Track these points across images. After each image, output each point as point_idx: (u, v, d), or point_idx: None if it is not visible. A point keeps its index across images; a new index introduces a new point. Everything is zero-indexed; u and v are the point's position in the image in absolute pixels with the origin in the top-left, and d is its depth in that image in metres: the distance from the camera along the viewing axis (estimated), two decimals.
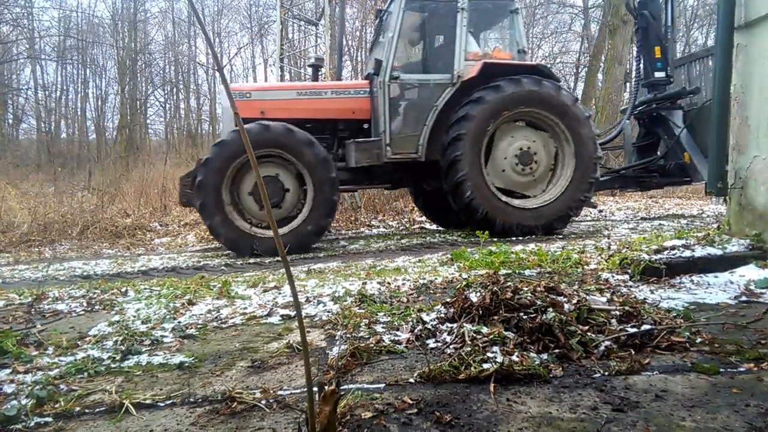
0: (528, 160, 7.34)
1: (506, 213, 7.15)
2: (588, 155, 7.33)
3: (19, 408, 1.93)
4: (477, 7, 7.63)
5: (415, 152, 7.35)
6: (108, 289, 4.19)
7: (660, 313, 2.66)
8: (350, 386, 2.06)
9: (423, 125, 7.31)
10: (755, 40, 3.97)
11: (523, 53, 7.65)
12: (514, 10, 7.77)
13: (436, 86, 7.37)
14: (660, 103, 8.62)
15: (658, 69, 8.60)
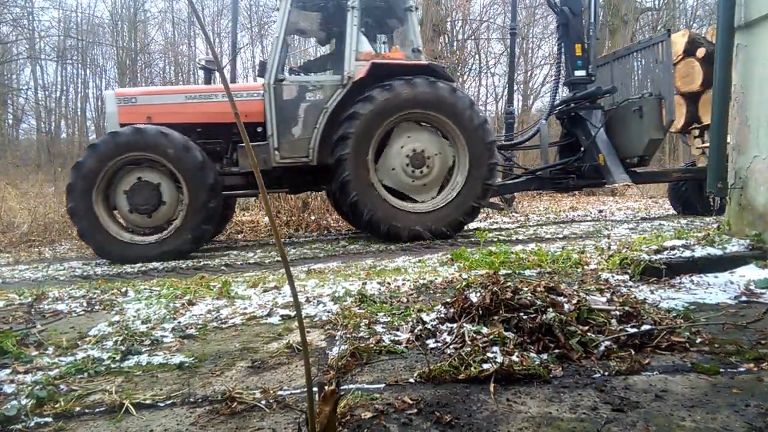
0: (420, 162, 7.13)
1: (394, 216, 6.96)
2: (483, 161, 7.14)
3: (19, 408, 1.93)
4: (369, 5, 7.40)
5: (306, 156, 7.12)
6: (108, 289, 4.19)
7: (660, 313, 2.66)
8: (350, 386, 2.06)
9: (314, 128, 7.08)
10: (755, 40, 3.97)
11: (417, 53, 7.35)
12: (408, 8, 7.48)
13: (327, 88, 7.15)
14: (578, 103, 8.43)
15: (579, 67, 8.39)
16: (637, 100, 7.97)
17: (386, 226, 6.87)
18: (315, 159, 7.10)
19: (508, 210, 10.83)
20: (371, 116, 6.84)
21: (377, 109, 6.85)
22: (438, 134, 7.29)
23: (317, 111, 7.09)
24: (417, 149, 7.13)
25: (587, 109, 8.40)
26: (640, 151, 8.07)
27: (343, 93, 7.06)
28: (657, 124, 7.82)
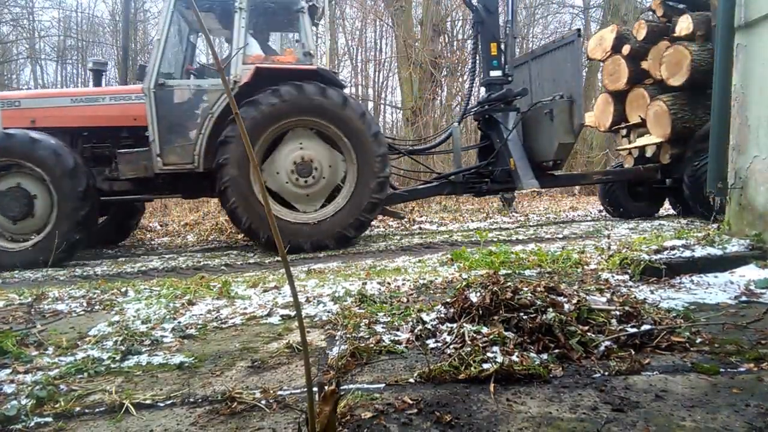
0: (307, 171, 6.89)
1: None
2: (372, 174, 6.89)
3: (19, 408, 1.93)
4: (258, 6, 7.18)
5: (191, 162, 6.84)
6: (108, 289, 4.19)
7: (660, 313, 2.66)
8: (350, 386, 2.06)
9: (199, 134, 6.79)
10: (755, 39, 3.97)
11: (309, 56, 7.06)
12: (299, 9, 7.18)
13: (212, 92, 6.88)
14: (492, 105, 8.16)
15: (494, 67, 8.13)
16: (548, 103, 7.75)
17: (265, 235, 6.66)
18: (201, 165, 6.84)
19: (508, 210, 10.81)
20: (253, 122, 6.58)
21: (260, 114, 6.62)
22: (331, 145, 7.03)
23: (203, 116, 6.82)
24: (305, 157, 6.90)
25: (502, 112, 8.17)
26: (551, 155, 7.84)
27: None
28: (567, 128, 7.58)
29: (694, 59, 7.68)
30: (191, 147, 6.83)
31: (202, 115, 6.82)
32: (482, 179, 8.17)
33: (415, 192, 8.48)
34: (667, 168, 8.42)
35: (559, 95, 7.67)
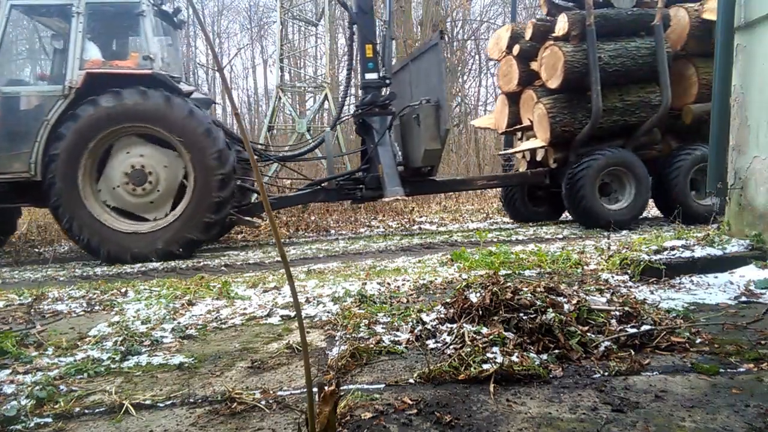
0: (141, 179, 6.67)
1: (112, 239, 6.53)
2: (210, 172, 6.65)
3: (19, 408, 1.93)
4: (97, 10, 6.90)
5: (27, 171, 6.51)
6: (108, 289, 4.19)
7: (660, 313, 2.66)
8: (350, 387, 2.06)
9: (34, 141, 6.47)
10: (755, 40, 3.97)
11: (149, 60, 6.80)
12: (140, 13, 6.87)
13: (47, 98, 6.56)
14: (364, 109, 7.83)
15: (370, 70, 7.80)
16: (416, 107, 7.44)
17: (106, 250, 6.49)
18: (39, 174, 6.53)
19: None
20: (76, 135, 6.36)
21: (83, 125, 6.37)
22: (165, 147, 6.81)
23: (38, 123, 6.51)
24: (136, 165, 6.67)
25: (376, 116, 7.78)
26: (419, 161, 7.53)
27: (65, 104, 6.52)
28: (433, 134, 7.25)
29: (567, 61, 7.38)
30: (27, 155, 6.54)
31: (39, 121, 6.54)
32: (357, 185, 7.88)
33: (284, 199, 8.27)
34: (554, 172, 8.21)
35: (426, 100, 7.36)
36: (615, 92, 7.67)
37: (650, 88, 7.67)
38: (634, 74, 7.67)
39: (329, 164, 8.17)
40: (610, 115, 7.64)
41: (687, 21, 7.72)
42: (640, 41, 7.63)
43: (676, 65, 7.92)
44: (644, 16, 7.65)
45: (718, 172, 4.28)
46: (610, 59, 7.48)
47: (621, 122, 7.75)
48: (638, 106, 7.69)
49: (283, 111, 13.76)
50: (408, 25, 15.16)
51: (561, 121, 7.68)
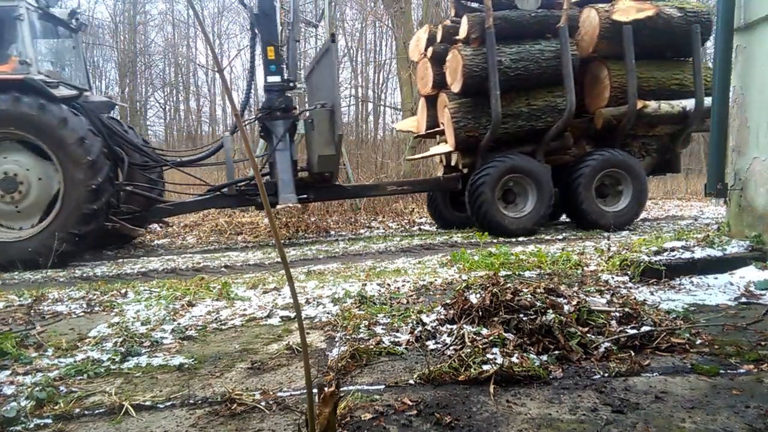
0: (12, 187, 6.45)
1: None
2: (80, 183, 6.42)
3: (19, 409, 1.93)
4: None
5: None
6: (107, 290, 4.19)
7: (660, 314, 2.66)
8: (350, 387, 2.06)
9: None
10: (755, 41, 3.98)
11: (25, 65, 6.55)
12: (17, 17, 6.63)
13: None
14: (265, 113, 7.67)
15: (272, 72, 7.59)
16: (312, 111, 7.32)
17: None
18: None
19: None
20: None
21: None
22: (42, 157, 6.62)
23: None
24: (9, 172, 6.47)
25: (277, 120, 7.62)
26: (315, 167, 7.39)
27: None
28: (327, 139, 7.11)
29: (466, 65, 7.16)
30: None
31: None
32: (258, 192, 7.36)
33: (183, 205, 8.08)
34: (466, 177, 7.97)
35: (321, 104, 7.21)
36: (522, 97, 7.45)
37: (558, 92, 7.41)
38: (539, 78, 7.40)
39: (229, 170, 7.87)
40: (516, 119, 7.42)
41: (597, 22, 7.45)
42: (545, 44, 7.38)
43: (591, 68, 7.78)
44: (549, 17, 7.39)
45: (718, 173, 4.28)
46: (511, 63, 7.22)
47: (528, 127, 7.49)
48: (545, 110, 7.44)
49: None
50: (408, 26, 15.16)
51: (465, 126, 7.47)
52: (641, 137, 7.94)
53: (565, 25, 7.20)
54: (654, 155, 8.07)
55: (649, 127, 7.82)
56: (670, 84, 7.70)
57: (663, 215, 10.08)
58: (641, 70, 7.51)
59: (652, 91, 7.60)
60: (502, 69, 7.16)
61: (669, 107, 7.57)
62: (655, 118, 7.61)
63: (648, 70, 7.63)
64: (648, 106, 7.46)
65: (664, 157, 8.21)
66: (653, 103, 7.52)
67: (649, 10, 7.34)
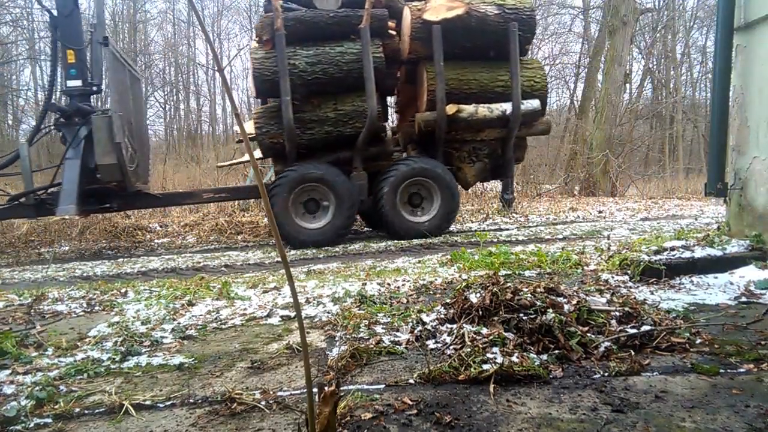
0: None
1: None
2: None
3: (19, 409, 1.93)
4: None
5: None
6: (108, 290, 4.19)
7: (660, 313, 2.66)
8: (350, 387, 2.06)
9: None
10: (755, 40, 3.97)
11: None
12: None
13: None
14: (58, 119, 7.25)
15: (73, 76, 7.16)
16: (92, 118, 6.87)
17: None
18: None
19: (508, 211, 10.75)
20: None
21: None
22: None
23: None
24: None
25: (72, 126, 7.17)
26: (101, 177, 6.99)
27: None
28: (105, 148, 6.70)
29: (256, 68, 6.88)
30: None
31: None
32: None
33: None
34: None
35: (102, 111, 6.86)
36: (330, 101, 7.07)
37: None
38: (343, 82, 6.98)
39: (26, 179, 7.38)
40: (323, 125, 7.03)
41: (410, 22, 7.09)
42: (348, 46, 6.95)
43: (417, 70, 7.46)
44: (353, 18, 6.91)
45: (718, 172, 4.28)
46: (308, 66, 6.82)
47: (336, 133, 7.10)
48: (353, 116, 7.02)
49: None
50: None
51: (267, 132, 7.08)
52: (470, 142, 7.49)
53: (367, 26, 6.77)
54: (485, 161, 7.63)
55: (476, 132, 7.37)
56: (494, 86, 7.23)
57: (663, 215, 10.08)
58: (462, 72, 7.15)
59: (474, 94, 7.19)
60: (298, 73, 6.81)
61: (488, 111, 7.10)
62: (475, 122, 7.16)
63: (471, 71, 7.22)
64: (463, 111, 7.01)
65: (497, 163, 7.74)
66: (470, 108, 7.06)
67: (460, 8, 6.87)
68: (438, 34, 6.86)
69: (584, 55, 23.63)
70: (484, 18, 6.96)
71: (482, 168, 7.68)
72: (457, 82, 7.13)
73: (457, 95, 7.12)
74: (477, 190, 14.25)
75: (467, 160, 7.58)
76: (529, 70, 7.51)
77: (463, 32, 7.00)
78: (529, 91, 7.32)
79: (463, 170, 7.62)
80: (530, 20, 7.29)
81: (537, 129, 7.66)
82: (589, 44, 22.65)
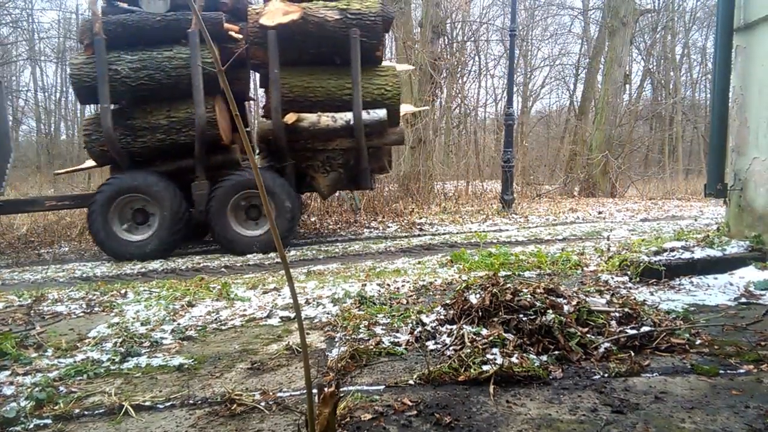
0: None
1: None
2: None
3: (19, 410, 1.93)
4: None
5: None
6: (107, 290, 4.19)
7: (659, 314, 2.66)
8: (350, 388, 2.06)
9: None
10: (755, 41, 3.98)
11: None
12: None
13: None
14: None
15: None
16: None
17: None
18: None
19: (508, 212, 10.75)
20: None
21: None
22: None
23: None
24: None
25: None
26: None
27: None
28: None
29: (73, 74, 6.60)
30: None
31: None
32: None
33: None
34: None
35: None
36: (164, 108, 6.73)
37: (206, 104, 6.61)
38: (176, 88, 6.63)
39: None
40: (155, 133, 6.68)
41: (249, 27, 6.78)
42: (177, 50, 6.62)
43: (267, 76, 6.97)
44: (182, 21, 6.58)
45: (718, 173, 4.29)
46: (131, 72, 6.50)
47: (169, 141, 6.73)
48: (185, 123, 6.67)
49: None
50: (408, 26, 15.17)
51: (97, 140, 6.72)
52: (324, 151, 7.13)
53: (196, 31, 6.44)
54: (340, 171, 7.26)
55: (325, 141, 7.02)
56: (342, 95, 6.88)
57: (663, 215, 10.08)
58: (309, 79, 6.84)
59: (320, 102, 6.86)
60: (120, 78, 6.49)
61: (331, 121, 6.77)
62: (319, 132, 6.82)
63: (317, 79, 6.88)
64: (304, 120, 6.72)
65: (352, 173, 7.39)
66: (312, 117, 6.76)
67: (295, 12, 6.55)
68: (273, 39, 6.56)
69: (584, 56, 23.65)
70: (322, 23, 6.60)
71: (337, 178, 7.34)
72: (303, 90, 6.83)
73: (302, 103, 6.82)
74: (477, 190, 14.28)
75: (321, 170, 7.26)
76: (381, 77, 7.09)
77: (303, 38, 6.67)
78: (380, 100, 6.96)
79: (317, 180, 7.28)
80: (375, 26, 6.79)
81: (390, 139, 7.24)
82: (588, 45, 22.67)
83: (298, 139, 6.92)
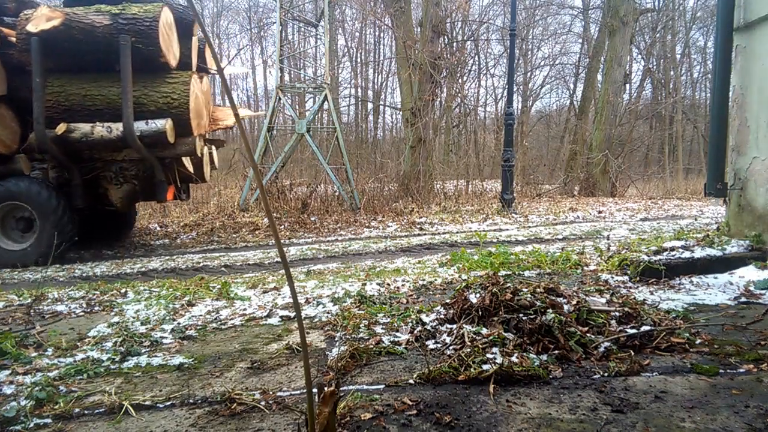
0: None
1: None
2: None
3: (19, 409, 1.93)
4: None
5: None
6: (107, 290, 4.19)
7: (659, 314, 2.66)
8: (350, 387, 2.06)
9: None
10: (754, 41, 3.98)
11: None
12: None
13: None
14: None
15: None
16: None
17: None
18: None
19: (508, 211, 10.76)
20: None
21: None
22: None
23: None
24: None
25: None
26: None
27: None
28: None
29: None
30: None
31: None
32: None
33: None
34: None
35: None
36: None
37: None
38: None
39: None
40: None
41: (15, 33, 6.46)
42: None
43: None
44: None
45: (718, 172, 4.29)
46: None
47: None
48: None
49: (283, 112, 13.79)
50: (408, 25, 15.16)
51: None
52: (115, 162, 6.90)
53: None
54: (134, 182, 7.05)
55: (113, 152, 6.76)
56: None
57: (663, 215, 10.08)
58: (87, 87, 6.57)
59: (100, 111, 6.57)
60: None
61: (106, 131, 6.48)
62: (94, 143, 6.51)
63: (97, 87, 6.60)
64: (75, 130, 6.43)
65: (148, 184, 7.12)
66: (85, 127, 6.46)
67: (57, 18, 6.25)
68: (36, 46, 6.28)
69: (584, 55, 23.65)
70: (89, 29, 6.32)
71: (131, 190, 7.13)
72: (81, 98, 6.56)
73: (80, 112, 6.57)
74: (477, 190, 14.29)
75: (114, 181, 7.02)
76: (169, 85, 6.80)
77: (71, 45, 6.39)
78: (165, 109, 6.69)
79: (110, 192, 7.06)
80: (151, 32, 6.48)
81: (181, 150, 6.96)
82: (588, 44, 22.66)
83: (76, 150, 6.66)
